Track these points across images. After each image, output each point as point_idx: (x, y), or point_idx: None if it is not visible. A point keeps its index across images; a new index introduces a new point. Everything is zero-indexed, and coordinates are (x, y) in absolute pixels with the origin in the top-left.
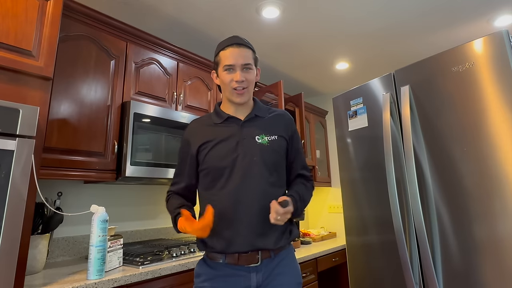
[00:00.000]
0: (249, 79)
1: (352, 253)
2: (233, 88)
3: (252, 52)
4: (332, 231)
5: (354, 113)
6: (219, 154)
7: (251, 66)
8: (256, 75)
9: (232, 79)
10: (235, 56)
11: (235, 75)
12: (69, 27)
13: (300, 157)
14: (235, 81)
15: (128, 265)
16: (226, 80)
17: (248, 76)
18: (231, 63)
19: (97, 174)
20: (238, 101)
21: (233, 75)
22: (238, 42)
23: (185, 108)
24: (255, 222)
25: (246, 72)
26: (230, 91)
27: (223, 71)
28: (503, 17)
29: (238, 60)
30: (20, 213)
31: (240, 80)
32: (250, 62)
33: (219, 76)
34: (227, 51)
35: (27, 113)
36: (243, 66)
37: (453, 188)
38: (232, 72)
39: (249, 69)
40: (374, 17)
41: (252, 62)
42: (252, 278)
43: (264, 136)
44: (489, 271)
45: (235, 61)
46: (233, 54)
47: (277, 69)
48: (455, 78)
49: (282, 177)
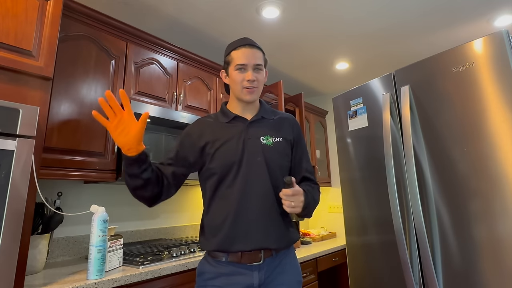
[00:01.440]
0: (259, 79)
1: (352, 253)
2: (244, 87)
3: (262, 54)
4: (332, 231)
5: (354, 113)
6: (225, 153)
7: (261, 67)
8: (264, 76)
9: (243, 78)
10: (247, 56)
11: (247, 75)
12: (69, 27)
13: (305, 161)
14: (247, 81)
15: (128, 265)
16: (238, 79)
17: (259, 77)
18: (244, 62)
19: (97, 174)
20: (248, 98)
21: (244, 74)
22: (251, 43)
23: (185, 108)
24: (258, 221)
25: (257, 73)
26: (241, 89)
27: (234, 70)
28: (503, 17)
29: (250, 60)
30: (20, 213)
31: (251, 80)
32: (261, 63)
33: (229, 75)
34: (239, 51)
35: (27, 113)
36: (255, 66)
37: (453, 188)
38: (244, 71)
39: (260, 70)
40: (374, 17)
41: (263, 64)
42: (254, 277)
43: (269, 138)
44: (489, 271)
45: (248, 61)
46: (245, 54)
47: (277, 69)
48: (455, 78)
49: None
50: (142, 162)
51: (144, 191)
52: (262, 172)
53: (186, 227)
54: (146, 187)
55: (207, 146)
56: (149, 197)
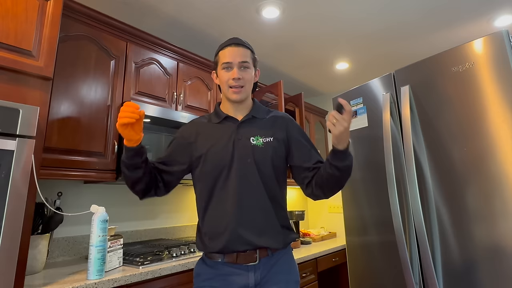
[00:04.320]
0: (246, 77)
1: (352, 253)
2: (229, 86)
3: (250, 52)
4: (332, 231)
5: (354, 113)
6: (216, 155)
7: (248, 64)
8: (255, 75)
9: (229, 77)
10: (232, 54)
11: (232, 73)
12: (69, 27)
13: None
14: (232, 79)
15: (128, 265)
16: (224, 78)
17: (245, 75)
18: (229, 60)
19: (97, 174)
20: (234, 98)
21: (230, 73)
22: (236, 42)
23: (185, 108)
24: (253, 222)
25: (243, 71)
26: (227, 89)
27: (221, 69)
28: (503, 17)
29: (235, 58)
30: (20, 213)
31: (236, 78)
32: (247, 60)
33: (218, 76)
34: (225, 50)
35: (27, 113)
36: (240, 64)
37: (453, 188)
38: (230, 70)
39: (247, 68)
40: (374, 17)
41: (249, 61)
42: (250, 277)
43: (259, 138)
44: (489, 271)
45: (233, 59)
46: (230, 52)
47: (277, 69)
48: (455, 78)
49: (279, 179)
50: (143, 152)
51: (141, 182)
52: (253, 173)
53: (186, 227)
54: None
55: (198, 147)
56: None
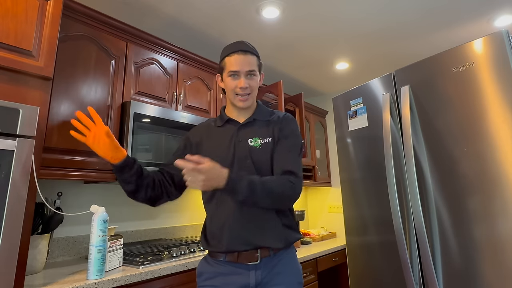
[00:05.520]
0: (252, 85)
1: (352, 253)
2: (236, 94)
3: (257, 58)
4: (332, 231)
5: (354, 113)
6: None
7: (255, 72)
8: (259, 80)
9: (236, 85)
10: (240, 63)
11: (239, 82)
12: (69, 27)
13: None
14: (239, 88)
15: (128, 265)
16: (231, 86)
17: (252, 83)
18: (236, 69)
19: (97, 174)
20: (241, 105)
21: (237, 81)
22: (244, 49)
23: (185, 108)
24: (254, 222)
25: (250, 79)
26: (233, 96)
27: (227, 76)
28: (503, 17)
29: (243, 67)
30: (20, 213)
31: (244, 87)
32: (254, 68)
33: (223, 80)
34: (232, 57)
35: (27, 113)
36: (248, 72)
37: (453, 188)
38: (237, 78)
39: (253, 76)
40: (374, 17)
41: (256, 69)
42: (251, 276)
43: (258, 139)
44: (489, 271)
45: (240, 68)
46: (238, 61)
47: (277, 69)
48: (455, 78)
49: None
50: (130, 167)
51: (139, 194)
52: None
53: (186, 227)
54: (140, 191)
55: (203, 149)
56: (148, 199)
